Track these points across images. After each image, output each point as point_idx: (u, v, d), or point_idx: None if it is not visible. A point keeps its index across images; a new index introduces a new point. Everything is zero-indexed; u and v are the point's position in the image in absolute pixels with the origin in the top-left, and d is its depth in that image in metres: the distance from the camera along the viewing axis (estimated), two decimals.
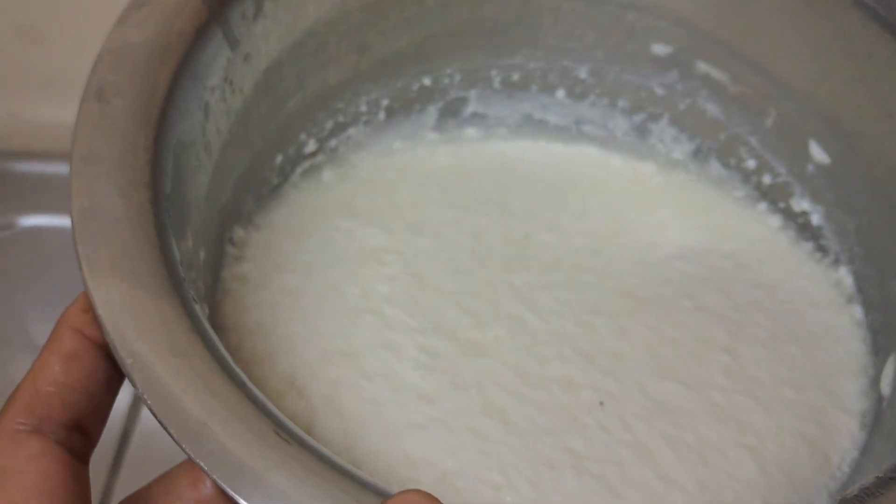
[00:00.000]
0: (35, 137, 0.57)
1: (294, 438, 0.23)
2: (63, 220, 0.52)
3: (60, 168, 0.55)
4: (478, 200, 0.38)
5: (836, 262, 0.38)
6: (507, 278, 0.36)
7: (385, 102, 0.41)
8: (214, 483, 0.22)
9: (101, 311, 0.24)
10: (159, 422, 0.23)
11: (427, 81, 0.42)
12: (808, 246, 0.39)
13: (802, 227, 0.39)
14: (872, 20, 0.34)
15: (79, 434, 0.24)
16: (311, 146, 0.40)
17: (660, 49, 0.41)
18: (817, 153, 0.39)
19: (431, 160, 0.40)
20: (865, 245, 0.37)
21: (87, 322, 0.25)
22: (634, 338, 0.35)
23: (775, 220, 0.40)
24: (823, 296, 0.37)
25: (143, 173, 0.27)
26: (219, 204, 0.35)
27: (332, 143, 0.41)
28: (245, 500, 0.22)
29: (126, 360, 0.24)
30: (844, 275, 0.38)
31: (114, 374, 0.25)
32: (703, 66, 0.41)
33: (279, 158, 0.39)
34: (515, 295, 0.35)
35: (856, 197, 0.37)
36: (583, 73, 0.43)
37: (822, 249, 0.39)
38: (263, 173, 0.38)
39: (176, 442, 0.23)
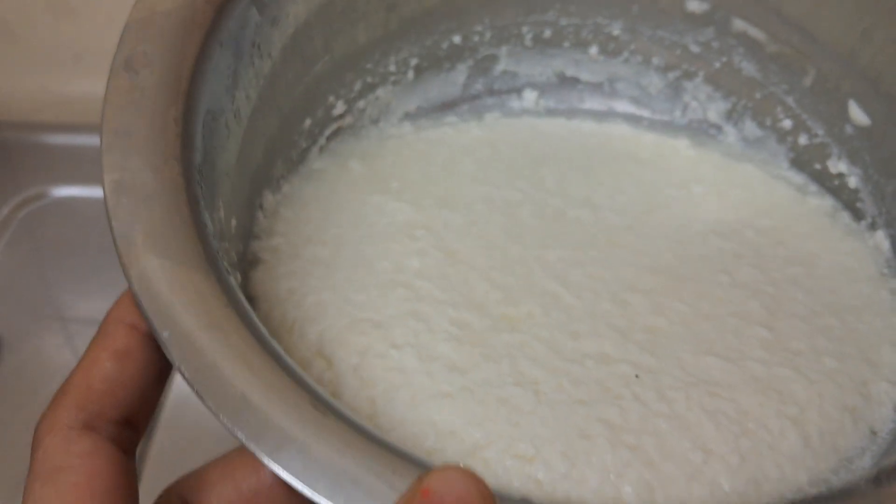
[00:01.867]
0: (66, 110, 0.58)
1: (331, 410, 0.24)
2: (94, 191, 0.52)
3: (91, 140, 0.55)
4: (510, 176, 0.38)
5: (873, 226, 0.38)
6: (540, 254, 0.35)
7: (414, 62, 0.41)
8: (267, 467, 0.22)
9: (137, 287, 0.24)
10: (197, 394, 0.23)
11: (457, 39, 0.41)
12: (846, 218, 0.38)
13: (838, 194, 0.38)
14: None
15: (128, 429, 0.24)
16: (340, 108, 0.39)
17: (695, 5, 0.40)
18: (857, 114, 0.38)
19: (463, 135, 0.40)
20: None
21: (140, 316, 0.25)
22: (671, 314, 0.34)
23: (812, 195, 0.39)
24: (862, 270, 0.36)
25: (174, 146, 0.27)
26: (249, 170, 0.35)
27: (361, 104, 0.40)
28: (285, 468, 0.22)
29: (163, 335, 0.24)
30: (881, 239, 0.37)
31: (165, 367, 0.25)
32: (740, 24, 0.40)
33: (308, 122, 0.39)
34: (549, 271, 0.35)
35: (895, 160, 0.37)
36: (616, 29, 0.42)
37: (859, 215, 0.38)
38: (293, 137, 0.38)
39: (213, 413, 0.23)
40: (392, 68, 0.40)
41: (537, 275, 0.35)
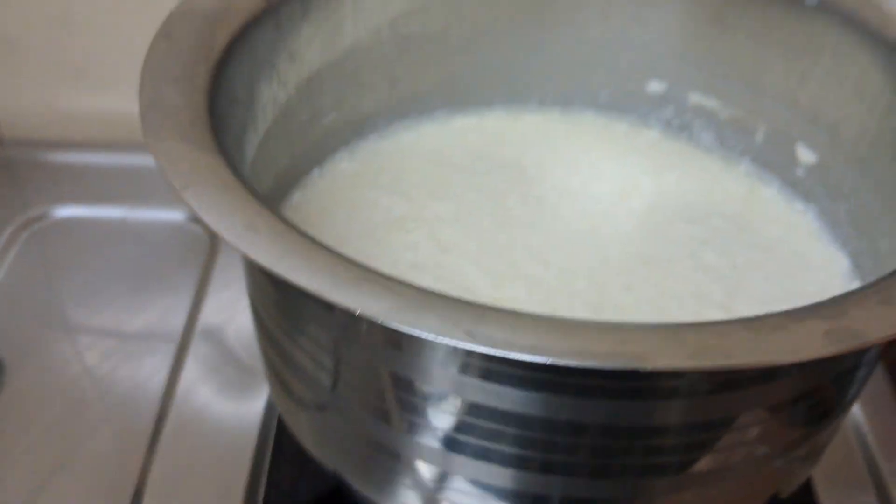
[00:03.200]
0: (70, 126, 0.59)
1: (324, 245, 0.26)
2: (98, 211, 0.54)
3: (95, 158, 0.58)
4: (496, 166, 0.42)
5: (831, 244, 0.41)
6: (524, 240, 0.38)
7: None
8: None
9: (163, 160, 0.28)
10: (213, 230, 0.25)
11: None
12: (812, 208, 0.42)
13: (805, 195, 0.42)
14: (832, 18, 0.39)
15: None
16: (346, 160, 0.44)
17: (655, 85, 0.46)
18: (805, 154, 0.42)
19: (451, 127, 0.44)
20: (856, 224, 0.40)
21: None
22: (639, 293, 0.37)
23: (776, 186, 0.43)
24: (819, 259, 0.39)
25: (203, 83, 0.32)
26: (259, 189, 0.39)
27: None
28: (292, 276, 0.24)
29: (182, 190, 0.27)
30: (840, 257, 0.40)
31: None
32: (695, 97, 0.46)
33: (315, 172, 0.43)
34: (533, 255, 0.38)
35: (844, 183, 0.40)
36: (589, 114, 0.48)
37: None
38: (301, 178, 0.43)
39: (227, 241, 0.25)
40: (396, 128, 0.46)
41: (522, 259, 0.38)
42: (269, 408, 0.44)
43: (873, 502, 0.42)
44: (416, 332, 0.21)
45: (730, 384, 0.26)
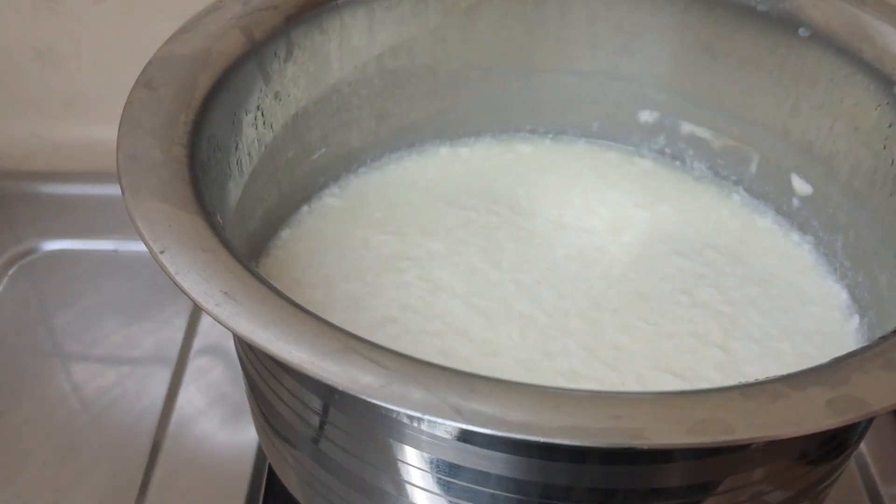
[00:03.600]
0: (57, 156, 0.59)
1: (306, 310, 0.25)
2: (85, 244, 0.53)
3: (82, 189, 0.57)
4: (488, 199, 0.41)
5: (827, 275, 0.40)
6: (516, 277, 0.38)
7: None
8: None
9: (139, 222, 0.27)
10: (190, 298, 0.25)
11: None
12: (809, 240, 0.41)
13: (800, 226, 0.41)
14: (826, 49, 0.39)
15: None
16: (335, 196, 0.44)
17: (647, 115, 0.46)
18: (799, 185, 0.42)
19: (442, 164, 0.44)
20: (853, 256, 0.39)
21: None
22: (634, 332, 0.36)
23: (770, 217, 0.42)
24: (816, 292, 0.38)
25: (182, 137, 0.31)
26: (246, 230, 0.38)
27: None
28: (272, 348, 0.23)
29: (159, 253, 0.26)
30: (838, 289, 0.40)
31: None
32: (687, 127, 0.45)
33: (304, 209, 0.43)
34: (524, 293, 0.37)
35: (840, 215, 0.40)
36: (580, 143, 0.47)
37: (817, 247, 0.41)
38: (290, 215, 0.42)
39: (202, 308, 0.24)
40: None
41: (514, 297, 0.37)
42: (261, 449, 0.43)
43: None
44: (403, 410, 0.21)
45: (731, 448, 0.25)
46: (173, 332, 0.49)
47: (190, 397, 0.46)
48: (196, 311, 0.51)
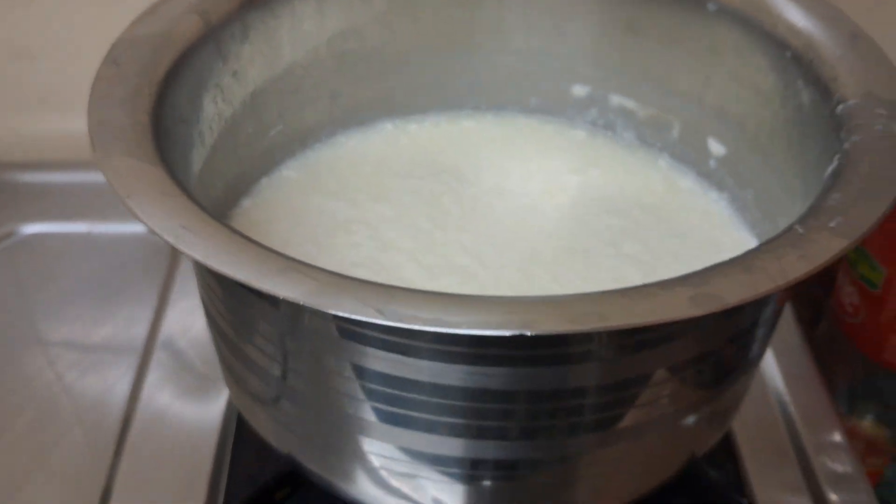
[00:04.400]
0: (33, 149, 0.63)
1: (253, 240, 0.29)
2: (63, 227, 0.57)
3: (58, 177, 0.61)
4: (434, 170, 0.45)
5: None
6: (458, 237, 0.42)
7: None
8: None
9: (109, 173, 0.31)
10: (152, 231, 0.28)
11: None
12: (725, 197, 0.45)
13: (717, 185, 0.46)
14: (731, 22, 0.43)
15: None
16: (291, 169, 0.47)
17: (578, 89, 0.50)
18: (715, 147, 0.46)
19: (391, 139, 0.48)
20: (761, 208, 0.43)
21: None
22: (564, 280, 0.40)
23: (692, 178, 0.46)
24: (730, 242, 0.42)
25: (147, 106, 0.35)
26: (208, 199, 0.42)
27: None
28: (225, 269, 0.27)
29: (125, 198, 0.30)
30: (749, 239, 0.44)
31: None
32: (616, 99, 0.49)
33: (263, 181, 0.46)
34: (465, 250, 0.41)
35: (749, 172, 0.44)
36: (519, 120, 0.51)
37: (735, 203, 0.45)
38: (250, 186, 0.46)
39: (164, 240, 0.28)
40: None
41: (455, 254, 0.41)
42: (230, 407, 0.47)
43: (797, 474, 0.45)
44: (333, 311, 0.25)
45: (635, 347, 0.29)
46: (144, 307, 0.52)
47: (160, 368, 0.49)
48: (166, 287, 0.54)
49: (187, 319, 0.52)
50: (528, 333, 0.24)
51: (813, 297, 0.61)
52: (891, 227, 0.48)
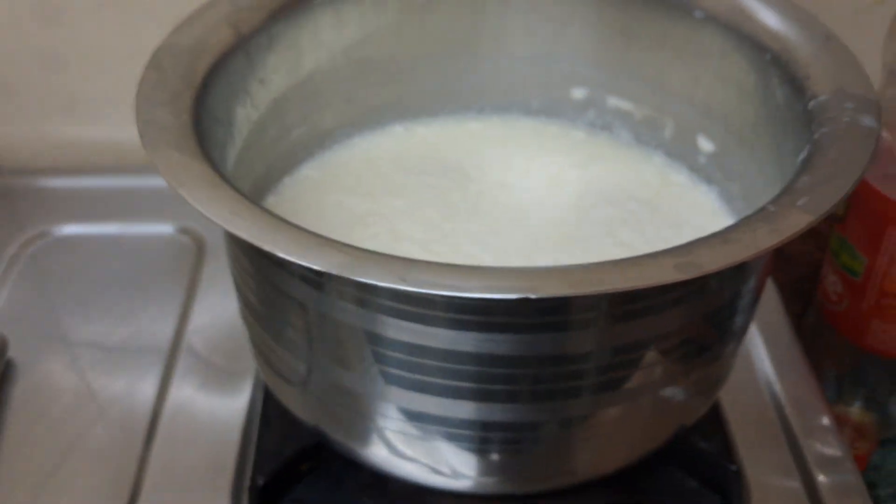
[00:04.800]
0: (62, 155, 0.66)
1: (294, 224, 0.32)
2: (92, 228, 0.60)
3: (86, 181, 0.64)
4: (443, 167, 0.49)
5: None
6: (466, 227, 0.45)
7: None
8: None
9: (161, 166, 0.35)
10: (205, 215, 0.32)
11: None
12: (714, 189, 0.49)
13: (707, 179, 0.49)
14: (716, 28, 0.47)
15: None
16: (312, 169, 0.51)
17: (577, 92, 0.54)
18: (704, 144, 0.50)
19: (403, 140, 0.51)
20: (746, 198, 0.47)
21: None
22: None
23: (684, 173, 0.50)
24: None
25: (187, 109, 0.39)
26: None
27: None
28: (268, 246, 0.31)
29: (179, 187, 0.33)
30: None
31: None
32: (613, 101, 0.53)
33: (286, 179, 0.50)
34: (472, 239, 0.45)
35: (735, 165, 0.48)
36: (523, 122, 0.55)
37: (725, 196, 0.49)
38: (274, 185, 0.50)
39: (216, 223, 0.32)
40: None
41: (463, 243, 0.45)
42: (253, 401, 0.49)
43: (787, 457, 0.47)
44: (362, 279, 0.28)
45: (627, 315, 0.33)
46: (172, 304, 0.55)
47: (188, 362, 0.52)
48: (193, 285, 0.57)
49: (212, 317, 0.55)
50: (532, 296, 0.27)
51: (802, 290, 0.65)
52: (871, 218, 0.52)
